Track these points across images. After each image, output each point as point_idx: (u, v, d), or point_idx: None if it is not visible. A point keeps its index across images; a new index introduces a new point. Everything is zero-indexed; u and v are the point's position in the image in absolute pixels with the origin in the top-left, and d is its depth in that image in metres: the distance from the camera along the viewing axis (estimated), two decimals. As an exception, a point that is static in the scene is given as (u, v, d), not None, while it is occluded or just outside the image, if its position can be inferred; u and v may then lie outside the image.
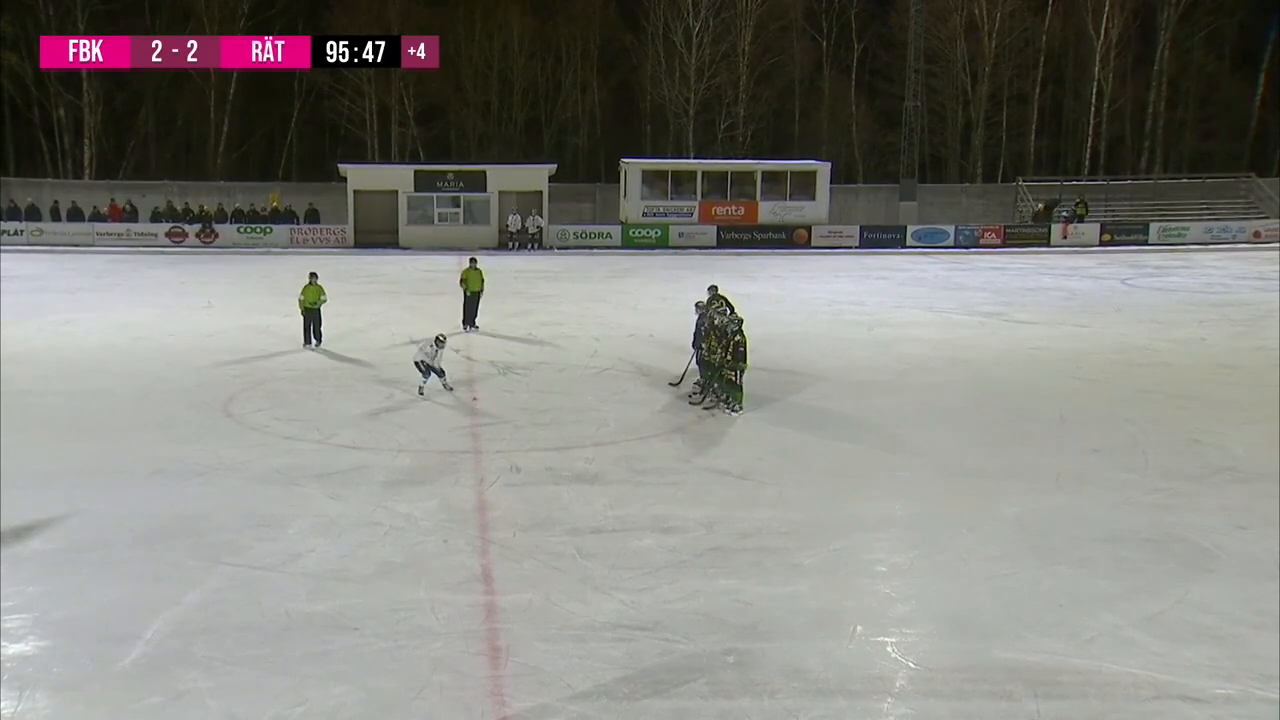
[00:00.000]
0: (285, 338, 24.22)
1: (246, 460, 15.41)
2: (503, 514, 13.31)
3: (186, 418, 17.72)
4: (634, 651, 9.75)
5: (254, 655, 9.70)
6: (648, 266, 38.92)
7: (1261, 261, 40.09)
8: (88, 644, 9.88)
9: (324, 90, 55.73)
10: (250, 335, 24.85)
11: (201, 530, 12.60)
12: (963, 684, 9.27)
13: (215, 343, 23.99)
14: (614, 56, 58.10)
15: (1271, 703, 9.00)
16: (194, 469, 14.94)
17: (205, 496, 13.83)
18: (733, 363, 17.76)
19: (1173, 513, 13.31)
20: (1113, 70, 55.36)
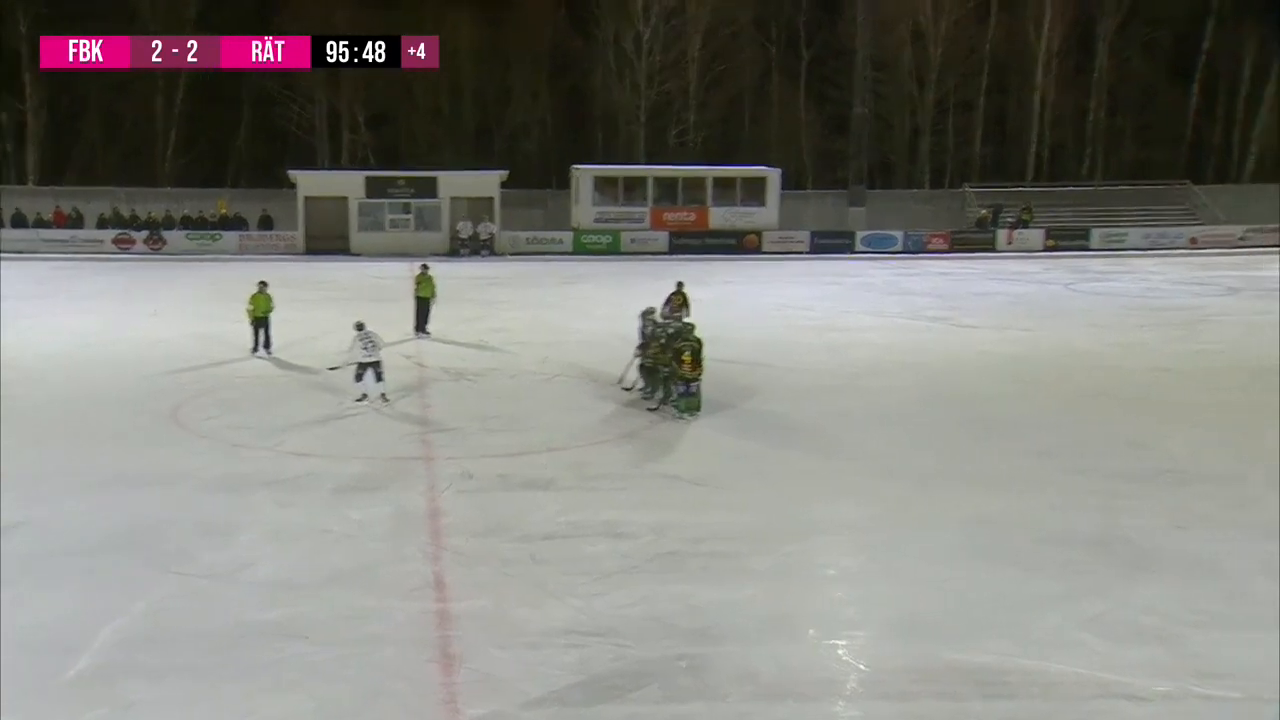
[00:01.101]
0: (235, 345, 23.97)
1: (195, 468, 15.24)
2: (455, 520, 13.25)
3: (134, 426, 17.51)
4: (587, 657, 9.74)
5: (203, 665, 9.60)
6: (599, 273, 38.91)
7: (1198, 267, 40.75)
8: (33, 655, 9.70)
9: (273, 96, 55.23)
10: (199, 343, 24.59)
11: (150, 539, 12.45)
12: (912, 685, 9.34)
13: (163, 350, 23.71)
14: (564, 63, 58.02)
15: (1209, 700, 9.15)
16: (142, 477, 14.76)
17: (154, 505, 13.65)
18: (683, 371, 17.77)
19: (1115, 514, 13.48)
20: (1054, 78, 55.99)
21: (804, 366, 22.34)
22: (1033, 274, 38.97)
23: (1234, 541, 12.54)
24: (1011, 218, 49.10)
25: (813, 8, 57.08)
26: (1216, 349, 24.52)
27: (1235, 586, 11.36)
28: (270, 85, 54.54)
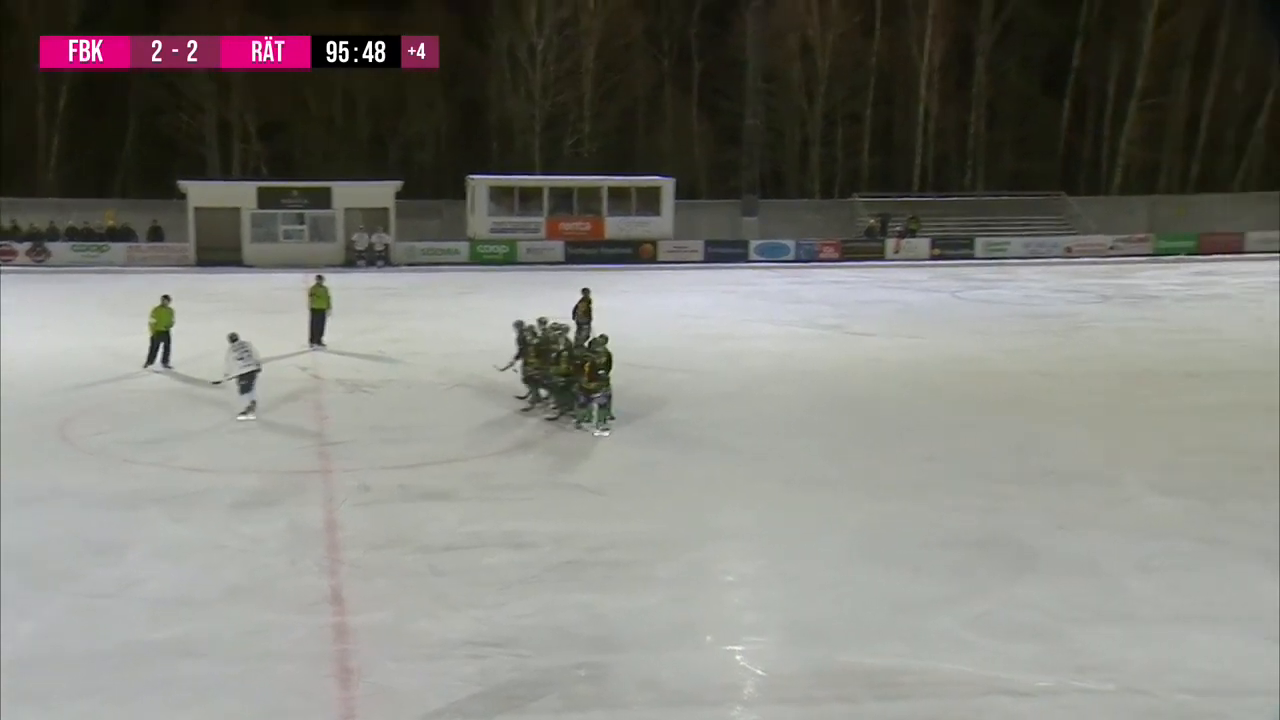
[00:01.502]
0: (125, 358, 23.37)
1: (84, 485, 14.84)
2: (353, 533, 13.11)
3: (19, 442, 16.89)
4: (487, 668, 9.70)
5: (93, 687, 9.36)
6: (496, 283, 38.74)
7: (1074, 275, 41.94)
8: (-85, 683, 9.39)
9: (161, 105, 54.04)
10: (88, 356, 23.92)
11: (36, 558, 12.08)
12: (809, 689, 9.47)
13: (51, 364, 23.01)
14: (459, 73, 57.64)
15: (1087, 693, 9.44)
16: (27, 495, 14.26)
17: (40, 523, 13.24)
18: (583, 382, 17.79)
19: (1000, 515, 13.82)
20: (936, 92, 57.14)
21: (701, 374, 22.51)
22: (920, 282, 39.74)
23: (1110, 540, 12.94)
24: (899, 227, 50.00)
25: (703, 21, 57.62)
26: (1092, 354, 25.29)
27: (1111, 583, 11.74)
28: (158, 93, 53.32)
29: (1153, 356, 24.83)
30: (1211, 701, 9.31)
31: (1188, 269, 43.47)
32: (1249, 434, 17.81)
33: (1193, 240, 49.45)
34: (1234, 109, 56.42)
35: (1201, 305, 33.28)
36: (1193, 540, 13.01)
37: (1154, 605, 11.21)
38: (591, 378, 17.70)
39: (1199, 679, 9.66)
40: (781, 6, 55.77)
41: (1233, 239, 49.36)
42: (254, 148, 55.88)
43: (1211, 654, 10.12)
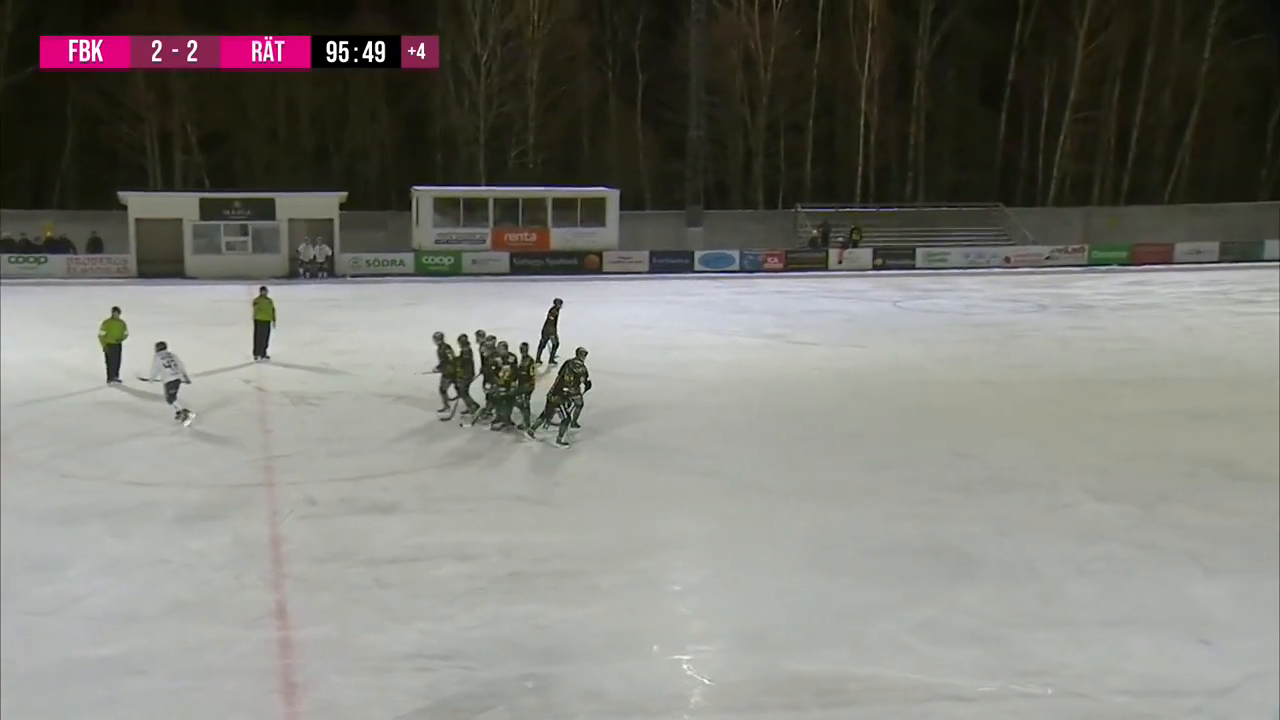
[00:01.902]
0: (66, 371, 23.02)
1: (23, 500, 14.56)
2: (298, 547, 13.00)
3: (-45, 458, 16.66)
4: (434, 681, 9.66)
5: (33, 706, 9.21)
6: (441, 293, 38.53)
7: (1013, 285, 42.41)
8: None
9: (100, 115, 53.30)
10: (28, 370, 23.40)
11: (-27, 577, 11.88)
12: (756, 697, 9.52)
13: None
14: (403, 84, 57.39)
15: (1028, 697, 9.55)
16: (-36, 512, 14.06)
17: (-23, 541, 13.03)
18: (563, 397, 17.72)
19: (942, 522, 13.96)
20: (877, 104, 57.69)
21: (647, 384, 22.50)
22: (863, 292, 40.01)
23: (1049, 545, 13.13)
24: (842, 237, 50.35)
25: (647, 33, 57.81)
26: (1030, 363, 25.60)
27: (1050, 588, 11.90)
28: (96, 104, 52.60)
29: (1088, 365, 25.18)
30: (1148, 703, 9.47)
31: (1121, 279, 44.21)
32: (1181, 440, 18.19)
33: (1125, 251, 50.30)
34: (1162, 123, 57.61)
35: (1134, 314, 33.82)
36: (1128, 545, 13.21)
37: (1091, 609, 11.37)
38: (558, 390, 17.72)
39: (1135, 681, 9.83)
40: (724, 20, 56.13)
41: (1163, 250, 50.31)
42: (196, 159, 55.22)
43: (1147, 656, 10.31)
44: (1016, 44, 57.34)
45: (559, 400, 17.75)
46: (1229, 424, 19.37)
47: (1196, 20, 55.63)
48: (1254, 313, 34.05)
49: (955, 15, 56.80)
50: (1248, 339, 28.87)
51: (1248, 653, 10.39)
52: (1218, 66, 55.76)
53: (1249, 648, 10.49)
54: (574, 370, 17.96)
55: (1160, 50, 56.26)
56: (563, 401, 17.73)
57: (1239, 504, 14.82)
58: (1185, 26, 55.77)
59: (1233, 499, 15.05)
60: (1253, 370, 24.44)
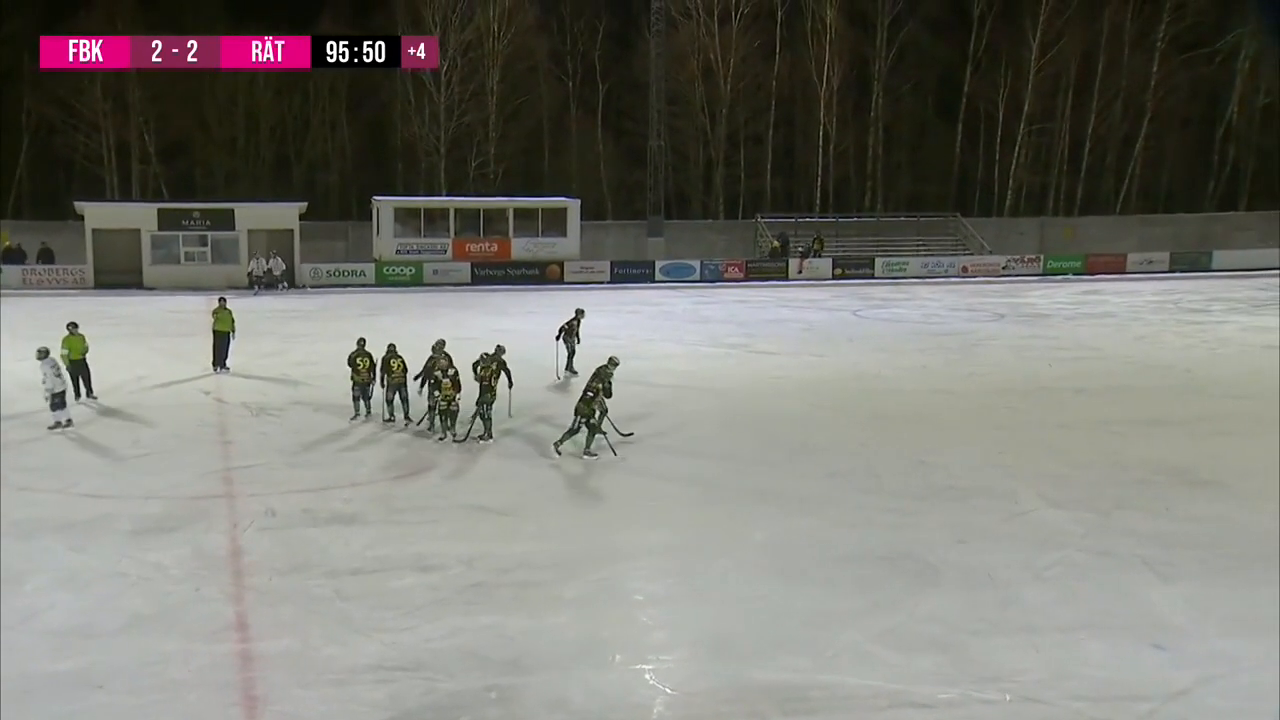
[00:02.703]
0: (21, 385, 22.64)
1: (-23, 514, 14.37)
2: (258, 559, 12.87)
3: (-92, 471, 16.38)
4: (396, 693, 9.58)
5: (-10, 723, 9.07)
6: (402, 304, 38.36)
7: (970, 294, 42.81)
8: None
9: (55, 125, 52.78)
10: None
11: (-73, 592, 11.68)
12: (718, 706, 9.50)
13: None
14: (363, 94, 57.24)
15: (987, 703, 9.61)
16: (-82, 526, 13.83)
17: (-68, 555, 12.82)
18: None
19: (903, 530, 14.01)
20: (835, 115, 58.09)
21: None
22: (823, 301, 40.22)
23: (1007, 552, 13.21)
24: (803, 247, 50.61)
25: (607, 42, 58.05)
26: (988, 371, 25.79)
27: (1009, 595, 11.97)
28: (52, 113, 52.16)
29: (1045, 373, 25.39)
30: (1103, 708, 9.53)
31: (1075, 288, 44.75)
32: (1135, 448, 18.38)
33: (1079, 260, 50.97)
34: (1113, 134, 58.53)
35: (1089, 323, 34.17)
36: (1084, 551, 13.31)
37: (1048, 615, 11.44)
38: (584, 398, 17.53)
39: (1091, 686, 9.90)
40: (683, 30, 56.40)
41: (1116, 259, 51.11)
42: (154, 169, 54.81)
43: (1103, 661, 10.39)
44: (971, 56, 58.06)
45: (586, 409, 17.42)
46: (1181, 431, 19.62)
47: (1145, 34, 56.59)
48: (1203, 322, 34.54)
49: (911, 28, 57.42)
50: (1198, 348, 29.29)
51: (1201, 656, 10.49)
52: (1166, 80, 56.78)
53: (1202, 651, 10.60)
54: (604, 378, 17.68)
55: (1110, 64, 57.16)
56: (589, 410, 17.39)
57: (1192, 510, 14.99)
58: (1134, 40, 56.71)
59: (1186, 505, 15.21)
60: (1203, 378, 24.76)
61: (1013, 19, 56.68)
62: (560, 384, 23.32)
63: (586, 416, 17.46)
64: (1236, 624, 11.17)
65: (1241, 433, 19.28)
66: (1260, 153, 57.62)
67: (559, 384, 23.31)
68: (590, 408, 17.45)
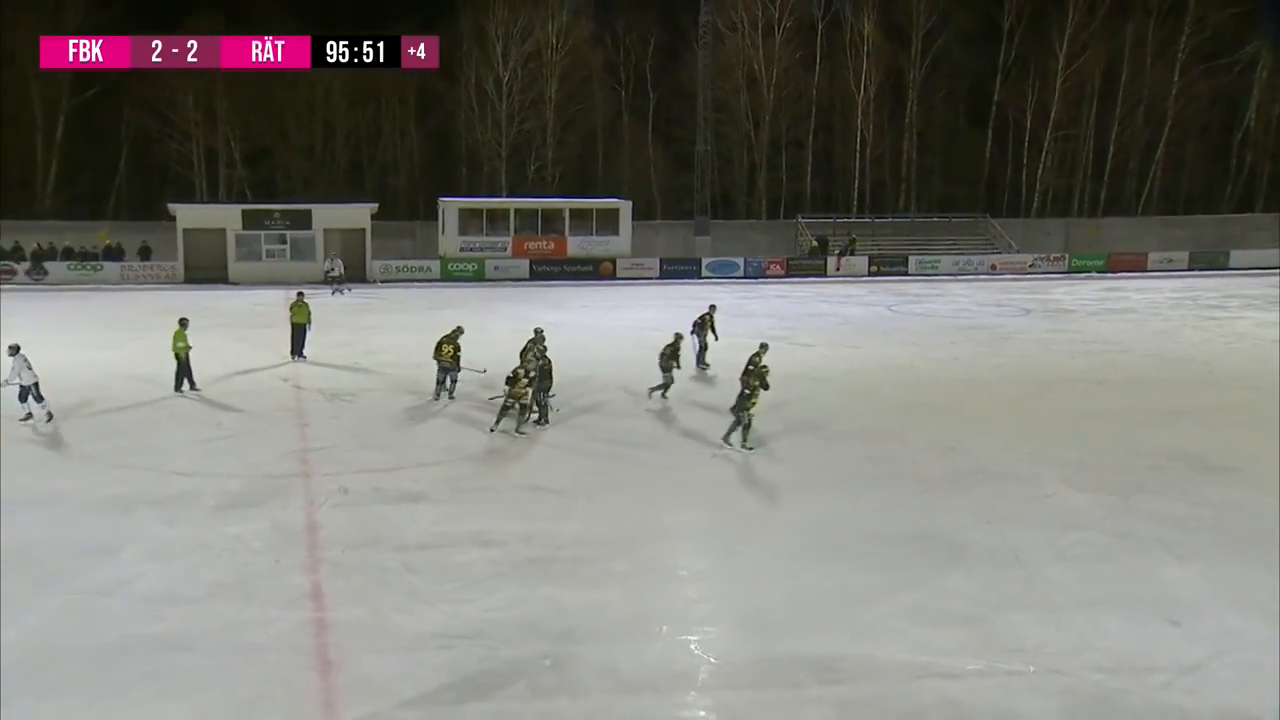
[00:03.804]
0: (119, 370, 23.09)
1: (79, 489, 14.63)
2: (332, 533, 12.99)
3: (18, 450, 16.69)
4: (458, 659, 9.65)
5: (88, 679, 9.25)
6: (465, 298, 38.56)
7: (998, 290, 42.33)
8: (-83, 678, 9.22)
9: (152, 134, 53.60)
10: (82, 369, 23.48)
11: (34, 558, 11.91)
12: (757, 675, 9.49)
13: (47, 376, 22.51)
14: (430, 103, 57.55)
15: (1011, 674, 9.52)
16: (26, 499, 14.08)
17: (38, 525, 13.07)
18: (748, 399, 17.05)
19: (932, 513, 13.91)
20: (872, 122, 57.67)
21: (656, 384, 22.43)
22: (859, 297, 39.91)
23: (1031, 533, 13.07)
24: (840, 246, 50.28)
25: (658, 55, 57.93)
26: (1015, 363, 25.49)
27: (1032, 573, 11.84)
28: (149, 123, 53.00)
29: (1068, 365, 25.06)
30: (1121, 679, 9.44)
31: (1098, 285, 44.08)
32: (1153, 436, 18.10)
33: (1102, 259, 50.21)
34: (1135, 140, 57.70)
35: (1111, 319, 33.67)
36: (1104, 533, 13.15)
37: (1070, 592, 11.32)
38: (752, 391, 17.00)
39: (1110, 658, 9.81)
40: (729, 43, 56.15)
41: (1137, 258, 50.28)
42: (239, 173, 55.49)
43: (1121, 636, 10.28)
44: (1001, 67, 57.40)
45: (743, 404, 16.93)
46: (1197, 420, 19.29)
47: (1167, 46, 55.76)
48: (1220, 318, 33.90)
49: (944, 41, 56.93)
50: (1215, 342, 28.78)
51: (1214, 632, 10.38)
52: (1186, 89, 55.98)
53: (1215, 628, 10.48)
54: (760, 375, 17.26)
55: (1134, 74, 56.39)
56: (745, 404, 16.94)
57: (1207, 495, 14.76)
58: (1156, 52, 55.87)
59: (1201, 490, 14.99)
60: (1219, 371, 24.35)
61: (1041, 32, 56.01)
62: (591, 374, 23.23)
63: (745, 410, 16.89)
64: (1247, 602, 11.03)
65: (1254, 422, 18.94)
66: (1276, 158, 56.72)
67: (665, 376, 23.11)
68: (748, 402, 16.92)
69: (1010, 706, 9.01)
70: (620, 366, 24.08)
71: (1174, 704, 9.11)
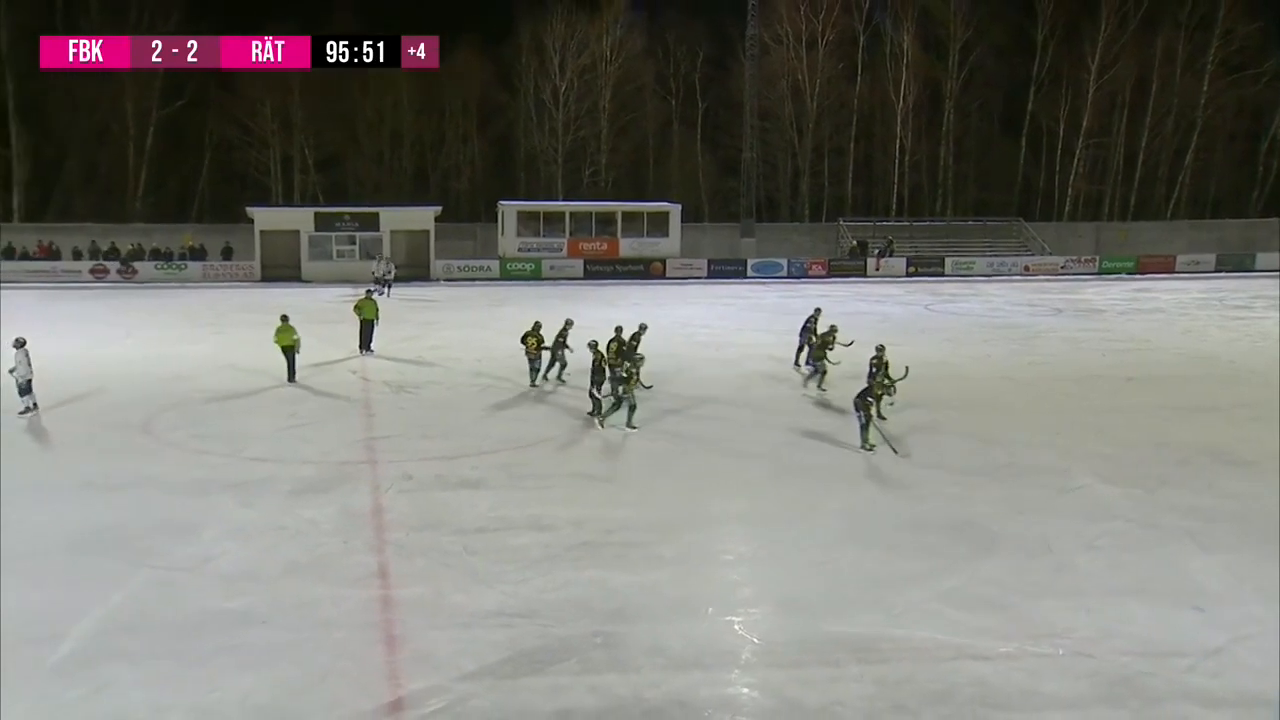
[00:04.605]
0: (200, 362, 23.44)
1: (164, 473, 14.88)
2: (396, 517, 13.10)
3: (109, 436, 17.03)
4: (514, 636, 9.70)
5: (172, 649, 9.40)
6: (523, 296, 38.70)
7: (1031, 291, 41.76)
8: (20, 642, 9.47)
9: (232, 143, 54.41)
10: (167, 362, 23.93)
11: (123, 537, 12.15)
12: (798, 655, 9.45)
13: (135, 368, 23.07)
14: (491, 112, 57.81)
15: (1041, 657, 9.41)
16: (116, 482, 14.38)
17: (126, 507, 13.33)
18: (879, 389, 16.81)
19: (965, 503, 13.77)
20: (910, 130, 57.16)
21: (703, 378, 22.39)
22: (897, 296, 39.56)
23: (1061, 523, 12.90)
24: (879, 248, 49.90)
25: (706, 66, 57.77)
26: (1046, 360, 25.13)
27: (1062, 561, 11.70)
28: (230, 133, 53.81)
29: (1098, 363, 24.68)
30: (1146, 662, 9.32)
31: (1128, 286, 43.36)
32: (1179, 431, 17.81)
33: (1132, 261, 49.39)
34: (1165, 148, 56.79)
35: (1140, 318, 33.12)
36: (1131, 524, 12.96)
37: (1098, 580, 11.17)
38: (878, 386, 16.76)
39: (1135, 643, 9.68)
40: (774, 55, 55.89)
41: (1166, 260, 49.41)
42: (312, 179, 56.11)
43: (1146, 621, 10.14)
44: (1035, 77, 56.74)
45: (865, 402, 16.50)
46: (1222, 416, 18.96)
47: (1195, 58, 54.90)
48: (1246, 317, 33.24)
49: (979, 53, 56.34)
50: (1240, 341, 28.23)
51: (1235, 619, 10.23)
52: (1214, 99, 55.16)
53: (1237, 614, 10.33)
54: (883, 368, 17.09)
55: (1163, 84, 55.60)
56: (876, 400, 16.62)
57: (1230, 488, 14.52)
58: (1185, 63, 55.02)
59: (1225, 483, 14.73)
60: (1243, 369, 23.88)
61: (1073, 44, 55.23)
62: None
63: (866, 409, 16.51)
64: (1268, 590, 10.86)
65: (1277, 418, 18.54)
66: None
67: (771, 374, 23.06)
68: (868, 400, 16.55)
69: (1038, 687, 8.91)
70: (669, 361, 24.04)
71: (1197, 686, 8.98)
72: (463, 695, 8.65)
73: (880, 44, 56.95)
